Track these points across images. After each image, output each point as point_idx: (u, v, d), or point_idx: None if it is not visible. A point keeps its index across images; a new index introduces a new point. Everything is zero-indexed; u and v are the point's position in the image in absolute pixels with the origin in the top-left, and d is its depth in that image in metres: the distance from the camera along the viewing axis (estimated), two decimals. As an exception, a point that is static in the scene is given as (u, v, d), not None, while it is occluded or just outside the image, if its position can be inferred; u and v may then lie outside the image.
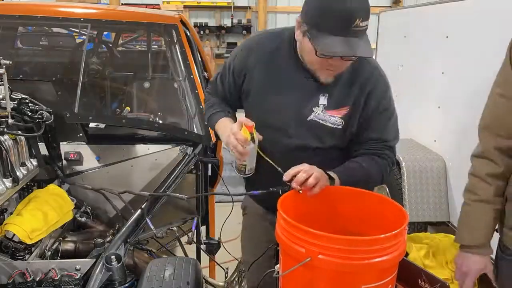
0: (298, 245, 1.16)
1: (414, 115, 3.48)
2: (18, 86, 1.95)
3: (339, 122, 1.47)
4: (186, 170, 1.97)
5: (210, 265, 2.59)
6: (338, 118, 1.47)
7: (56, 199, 1.80)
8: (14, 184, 1.62)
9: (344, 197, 1.43)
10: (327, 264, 1.13)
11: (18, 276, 1.47)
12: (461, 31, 2.90)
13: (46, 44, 2.55)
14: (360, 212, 1.40)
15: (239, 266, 1.76)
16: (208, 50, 5.13)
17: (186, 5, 8.32)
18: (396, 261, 1.19)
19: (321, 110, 1.47)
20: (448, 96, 3.03)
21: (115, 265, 1.45)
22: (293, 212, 1.26)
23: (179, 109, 2.26)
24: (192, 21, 8.32)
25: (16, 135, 1.66)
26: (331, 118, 1.47)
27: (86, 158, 2.13)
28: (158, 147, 2.15)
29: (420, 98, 3.47)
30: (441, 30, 3.07)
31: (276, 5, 8.48)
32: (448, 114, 3.06)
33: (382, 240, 1.14)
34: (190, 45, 2.28)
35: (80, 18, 2.23)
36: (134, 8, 3.57)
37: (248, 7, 8.40)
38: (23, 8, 2.20)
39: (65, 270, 1.50)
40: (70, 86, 2.05)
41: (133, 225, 1.63)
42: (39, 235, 1.61)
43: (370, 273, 1.16)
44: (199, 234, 2.24)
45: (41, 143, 1.87)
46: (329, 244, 1.12)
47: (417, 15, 3.67)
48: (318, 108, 1.47)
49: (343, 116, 1.47)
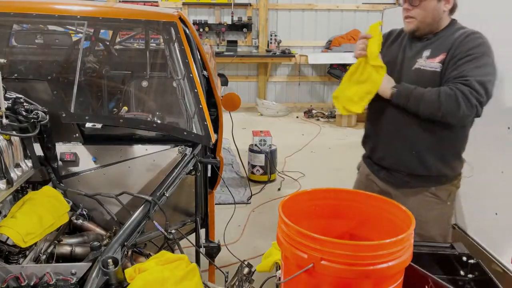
0: (300, 250, 1.13)
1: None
2: (12, 85, 1.92)
3: (437, 66, 1.89)
4: (185, 171, 1.93)
5: (209, 269, 2.56)
6: (436, 63, 1.89)
7: (52, 201, 1.76)
8: (8, 185, 1.59)
9: (348, 200, 1.39)
10: (331, 270, 1.09)
11: (12, 280, 1.43)
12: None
13: (42, 42, 2.51)
14: (365, 215, 1.36)
15: (240, 270, 1.73)
16: (207, 48, 5.10)
17: (185, 2, 8.27)
18: (402, 267, 1.15)
19: (424, 60, 1.93)
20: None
21: (112, 269, 1.41)
22: (295, 216, 1.22)
23: (178, 108, 2.22)
24: (192, 18, 8.27)
25: (11, 135, 1.63)
26: (430, 64, 1.90)
27: (82, 159, 2.09)
28: (157, 147, 2.12)
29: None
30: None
31: (277, 2, 8.44)
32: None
33: (388, 245, 1.10)
34: (189, 43, 2.24)
35: (76, 15, 2.19)
36: (132, 5, 3.53)
37: (249, 4, 8.35)
38: (18, 6, 2.16)
39: (60, 274, 1.46)
40: (66, 85, 2.01)
41: (131, 228, 1.59)
42: (34, 238, 1.58)
43: (375, 280, 1.11)
44: (198, 237, 2.20)
45: (36, 144, 1.83)
46: (333, 249, 1.09)
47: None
48: (421, 59, 1.93)
49: (441, 61, 1.88)
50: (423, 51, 1.95)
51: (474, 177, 2.78)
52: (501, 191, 2.49)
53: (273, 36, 8.39)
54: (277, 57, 8.29)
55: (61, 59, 2.44)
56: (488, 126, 2.57)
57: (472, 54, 1.82)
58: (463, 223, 2.90)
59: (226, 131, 2.73)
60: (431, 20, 1.92)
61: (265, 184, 4.73)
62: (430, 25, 1.93)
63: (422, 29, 1.94)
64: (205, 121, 2.04)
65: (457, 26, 1.97)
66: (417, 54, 1.96)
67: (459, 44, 1.85)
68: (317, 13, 8.48)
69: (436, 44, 1.93)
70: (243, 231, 3.71)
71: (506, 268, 2.43)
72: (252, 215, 4.04)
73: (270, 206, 4.22)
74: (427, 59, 1.91)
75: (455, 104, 1.77)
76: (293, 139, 6.34)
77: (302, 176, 4.98)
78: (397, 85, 1.91)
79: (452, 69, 1.84)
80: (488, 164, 2.57)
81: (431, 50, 1.93)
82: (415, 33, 1.97)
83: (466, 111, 1.78)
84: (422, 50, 1.95)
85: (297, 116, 8.09)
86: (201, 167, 2.16)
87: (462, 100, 1.77)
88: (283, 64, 8.68)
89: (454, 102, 1.77)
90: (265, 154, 4.71)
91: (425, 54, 1.93)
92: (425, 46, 1.95)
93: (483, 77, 1.79)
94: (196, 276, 1.45)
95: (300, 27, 8.53)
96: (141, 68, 2.61)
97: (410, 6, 1.91)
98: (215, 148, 2.49)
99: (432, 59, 1.90)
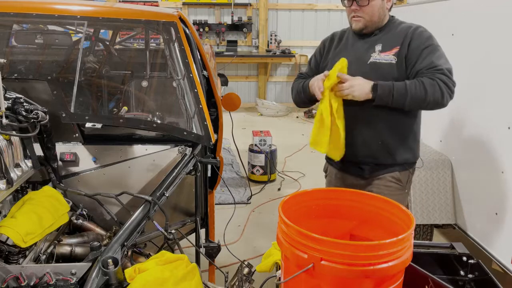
0: (300, 250, 1.12)
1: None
2: (12, 85, 1.91)
3: (392, 59, 2.00)
4: (185, 171, 1.93)
5: (209, 269, 2.55)
6: (391, 56, 2.01)
7: (51, 201, 1.76)
8: (8, 185, 1.59)
9: (348, 200, 1.39)
10: (331, 270, 1.09)
11: (12, 280, 1.43)
12: (467, 29, 2.86)
13: (42, 42, 2.50)
14: (365, 215, 1.36)
15: (240, 270, 1.72)
16: (207, 48, 5.08)
17: (185, 2, 8.26)
18: (402, 267, 1.14)
19: (377, 53, 2.03)
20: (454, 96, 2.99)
21: (112, 269, 1.41)
22: (294, 216, 1.22)
23: (178, 108, 2.22)
24: (192, 18, 8.27)
25: (11, 135, 1.63)
26: (385, 57, 2.02)
27: (82, 159, 2.09)
28: (157, 147, 2.11)
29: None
30: (447, 28, 3.03)
31: (277, 2, 8.43)
32: (454, 114, 3.01)
33: (388, 245, 1.10)
34: (189, 43, 2.23)
35: (76, 15, 2.19)
36: (132, 5, 3.52)
37: (249, 4, 8.34)
38: (18, 6, 2.16)
39: (60, 274, 1.46)
40: (66, 85, 2.01)
41: (131, 228, 1.59)
42: (34, 239, 1.58)
43: (375, 280, 1.11)
44: (198, 237, 2.20)
45: (36, 144, 1.83)
46: (333, 249, 1.09)
47: (422, 12, 3.62)
48: (375, 53, 2.04)
49: (395, 54, 2.00)
50: (375, 45, 2.06)
51: (474, 177, 2.78)
52: (501, 191, 2.49)
53: (273, 36, 8.39)
54: (277, 57, 8.29)
55: (61, 59, 2.44)
56: (488, 126, 2.57)
57: (430, 45, 1.98)
58: (463, 223, 2.89)
59: (226, 131, 2.73)
60: (377, 19, 2.05)
61: (265, 184, 4.73)
62: (376, 23, 2.06)
63: (370, 27, 2.06)
64: (205, 121, 2.03)
65: (398, 21, 2.13)
66: (369, 49, 2.07)
67: (412, 37, 2.00)
68: (317, 13, 8.48)
69: (386, 38, 2.06)
70: (243, 231, 3.71)
71: (506, 268, 2.43)
72: (252, 215, 4.04)
73: (270, 206, 4.22)
74: (381, 52, 2.03)
75: (439, 93, 1.91)
76: (293, 139, 6.33)
77: (302, 176, 4.97)
78: (374, 87, 1.93)
79: (419, 60, 1.96)
80: (488, 164, 2.57)
81: (382, 44, 2.04)
82: (362, 30, 2.07)
83: (448, 97, 1.94)
84: (373, 45, 2.06)
85: (297, 116, 8.10)
86: (201, 167, 2.16)
87: (444, 88, 1.91)
88: (283, 64, 8.68)
89: (438, 91, 1.90)
90: (265, 154, 4.71)
91: (378, 48, 2.04)
92: (375, 41, 2.07)
93: (448, 65, 1.97)
94: (196, 276, 1.45)
95: (300, 27, 8.53)
96: (141, 68, 2.61)
97: (358, 7, 2.01)
98: (215, 148, 2.48)
99: (386, 52, 2.02)
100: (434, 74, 1.92)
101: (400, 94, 1.92)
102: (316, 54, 2.30)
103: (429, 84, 1.90)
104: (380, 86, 1.93)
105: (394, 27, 2.09)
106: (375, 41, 2.07)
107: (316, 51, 2.31)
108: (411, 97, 1.91)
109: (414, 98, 1.92)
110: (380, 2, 2.02)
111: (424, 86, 1.90)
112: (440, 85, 1.91)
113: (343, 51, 2.14)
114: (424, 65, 1.95)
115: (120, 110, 2.36)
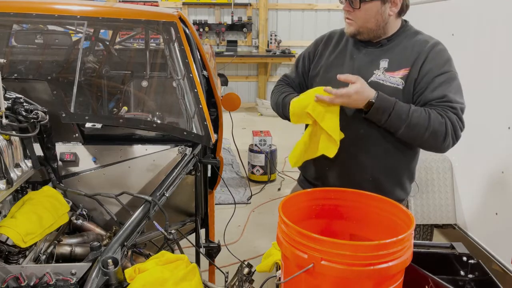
0: (300, 250, 1.12)
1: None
2: (12, 85, 1.91)
3: (399, 82, 1.65)
4: (185, 171, 1.93)
5: (209, 269, 2.55)
6: (398, 79, 1.65)
7: (51, 201, 1.76)
8: (8, 186, 1.58)
9: (348, 200, 1.39)
10: (331, 270, 1.09)
11: (11, 281, 1.42)
12: (467, 29, 2.86)
13: (42, 42, 2.51)
14: (365, 215, 1.36)
15: (240, 270, 1.72)
16: (207, 48, 5.08)
17: (185, 2, 8.26)
18: (402, 267, 1.15)
19: (382, 72, 1.67)
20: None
21: (112, 269, 1.41)
22: (294, 216, 1.22)
23: (178, 108, 2.22)
24: (192, 18, 8.27)
25: (11, 135, 1.62)
26: (390, 79, 1.66)
27: (82, 159, 2.09)
28: (156, 147, 2.11)
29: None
30: (447, 28, 3.03)
31: (277, 2, 8.43)
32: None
33: (388, 245, 1.10)
34: (189, 43, 2.23)
35: (76, 15, 2.19)
36: (132, 5, 3.52)
37: (249, 4, 8.35)
38: (18, 6, 2.16)
39: (60, 274, 1.45)
40: (66, 85, 2.01)
41: (131, 228, 1.59)
42: (34, 239, 1.57)
43: (375, 280, 1.11)
44: (198, 237, 2.20)
45: (36, 144, 1.83)
46: (333, 249, 1.09)
47: (421, 12, 3.62)
48: (379, 70, 1.68)
49: (403, 77, 1.65)
50: (380, 60, 1.69)
51: (474, 177, 2.78)
52: (501, 191, 2.49)
53: (273, 36, 8.39)
54: (277, 57, 8.29)
55: (61, 59, 2.44)
56: (488, 126, 2.57)
57: (446, 72, 1.63)
58: (463, 223, 2.90)
59: (226, 131, 2.73)
60: (373, 26, 1.68)
61: (265, 184, 4.73)
62: (374, 31, 1.69)
63: (365, 34, 1.71)
64: (205, 121, 2.03)
65: (413, 30, 1.75)
66: (373, 63, 1.70)
67: (427, 57, 1.64)
68: (317, 13, 8.48)
69: (394, 52, 1.69)
70: (243, 231, 3.71)
71: (506, 268, 2.43)
72: (252, 215, 4.04)
73: (270, 206, 4.22)
74: (386, 71, 1.67)
75: (443, 134, 1.58)
76: (293, 139, 6.31)
77: (302, 176, 4.97)
78: (374, 97, 1.58)
79: (430, 88, 1.61)
80: (488, 164, 2.57)
81: (389, 61, 1.68)
82: (356, 36, 1.73)
83: (450, 144, 1.62)
84: (378, 59, 1.70)
85: (297, 116, 8.09)
86: (201, 167, 2.16)
87: (450, 130, 1.59)
88: (283, 64, 8.68)
89: (443, 132, 1.58)
90: (265, 154, 4.71)
91: (383, 65, 1.69)
92: (381, 54, 1.70)
93: (463, 102, 1.63)
94: (196, 276, 1.45)
95: (300, 27, 8.53)
96: (141, 68, 2.61)
97: (351, 8, 1.66)
98: (215, 148, 2.48)
99: (392, 73, 1.66)
100: (445, 111, 1.58)
101: (399, 117, 1.58)
102: (305, 57, 1.91)
103: (438, 121, 1.57)
104: (380, 98, 1.58)
105: (407, 38, 1.71)
106: (380, 55, 1.70)
107: (305, 53, 1.92)
108: (411, 126, 1.58)
109: (414, 128, 1.58)
110: (377, 7, 1.64)
111: (430, 120, 1.56)
112: (447, 125, 1.57)
113: (339, 61, 1.77)
114: (435, 96, 1.60)
115: (120, 110, 2.36)
